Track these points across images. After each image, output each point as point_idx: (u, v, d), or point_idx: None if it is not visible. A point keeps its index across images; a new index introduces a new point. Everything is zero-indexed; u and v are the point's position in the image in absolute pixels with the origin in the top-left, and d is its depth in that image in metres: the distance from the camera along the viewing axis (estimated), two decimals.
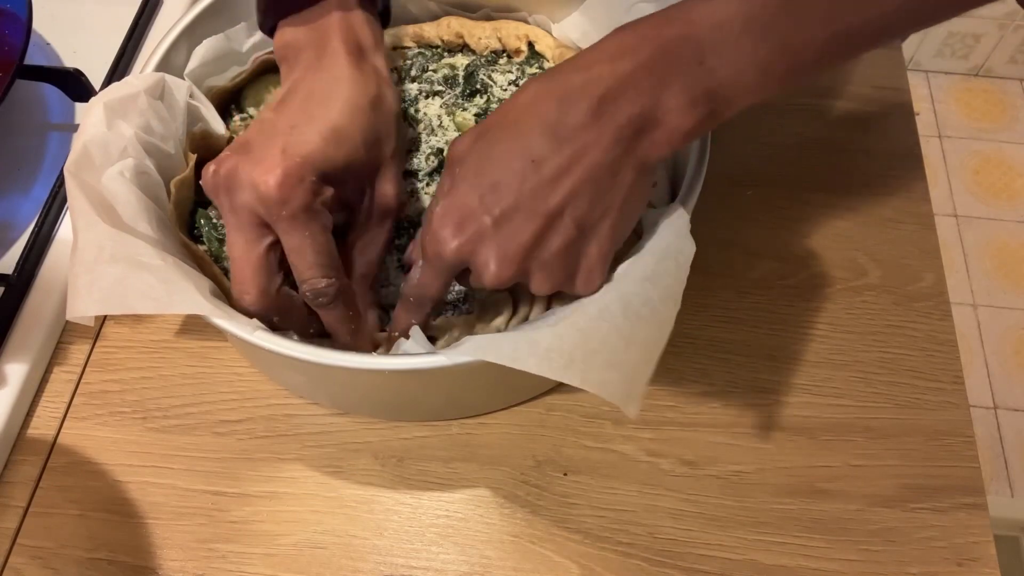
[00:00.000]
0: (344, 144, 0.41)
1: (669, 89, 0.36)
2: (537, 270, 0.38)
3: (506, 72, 0.56)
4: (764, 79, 0.37)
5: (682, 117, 0.36)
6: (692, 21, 0.36)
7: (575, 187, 0.36)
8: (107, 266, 0.39)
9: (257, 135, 0.41)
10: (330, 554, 0.47)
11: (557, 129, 0.36)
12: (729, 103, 0.37)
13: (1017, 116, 1.76)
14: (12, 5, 0.59)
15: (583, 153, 0.36)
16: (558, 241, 0.37)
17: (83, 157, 0.43)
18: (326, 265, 0.40)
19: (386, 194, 0.44)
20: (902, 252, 0.56)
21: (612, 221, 0.38)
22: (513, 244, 0.37)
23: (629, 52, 0.36)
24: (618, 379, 0.36)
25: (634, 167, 0.37)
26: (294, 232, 0.39)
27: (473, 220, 0.37)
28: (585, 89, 0.36)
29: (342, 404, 0.51)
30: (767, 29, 0.36)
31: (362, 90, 0.43)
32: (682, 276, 0.40)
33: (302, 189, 0.39)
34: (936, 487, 0.48)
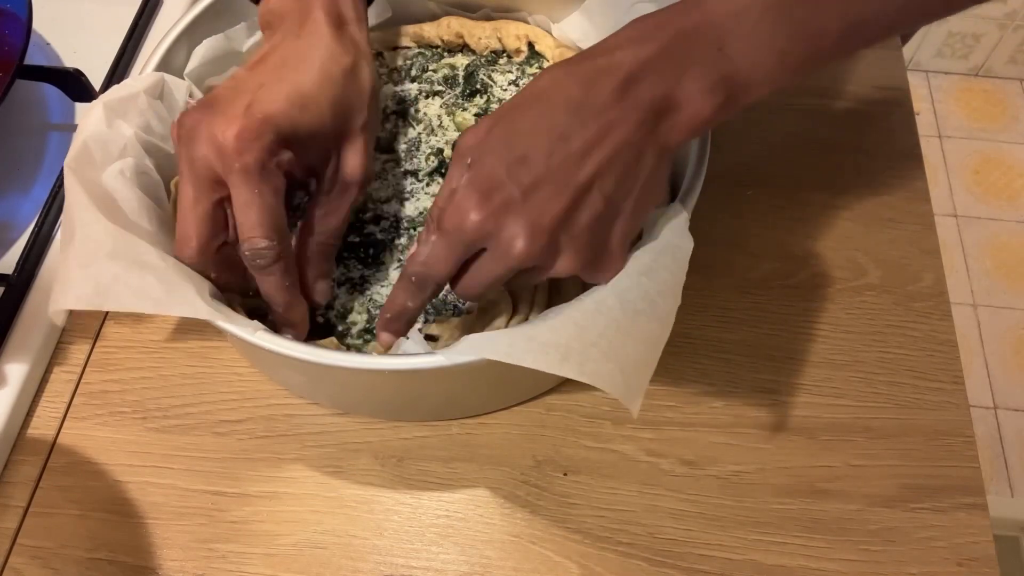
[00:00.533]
0: (310, 109, 0.41)
1: (689, 74, 0.37)
2: (567, 245, 0.37)
3: (506, 72, 0.56)
4: (781, 66, 0.37)
5: (702, 101, 0.37)
6: (710, 9, 0.37)
7: (603, 163, 0.36)
8: (105, 262, 0.39)
9: (225, 91, 0.41)
10: (330, 554, 0.47)
11: (582, 107, 0.37)
12: (747, 89, 0.38)
13: (1017, 116, 1.76)
14: (12, 5, 0.59)
15: (609, 130, 0.36)
16: (588, 215, 0.37)
17: (83, 154, 0.43)
18: (270, 227, 0.40)
19: (352, 165, 0.44)
20: (902, 252, 0.56)
21: (634, 202, 0.38)
22: (545, 216, 0.36)
23: (649, 38, 0.37)
24: (616, 372, 0.36)
25: (655, 150, 0.38)
26: (244, 187, 0.39)
27: (501, 191, 0.36)
28: (609, 71, 0.37)
29: (342, 404, 0.51)
30: (784, 17, 0.37)
31: (337, 59, 0.43)
32: (680, 271, 0.40)
33: (259, 145, 0.39)
34: (936, 487, 0.48)
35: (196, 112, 0.40)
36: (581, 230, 0.37)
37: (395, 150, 0.53)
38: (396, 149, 0.53)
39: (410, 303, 0.41)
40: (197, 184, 0.40)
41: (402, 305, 0.41)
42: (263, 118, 0.39)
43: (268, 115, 0.40)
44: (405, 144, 0.53)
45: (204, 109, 0.40)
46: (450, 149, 0.52)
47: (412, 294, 0.40)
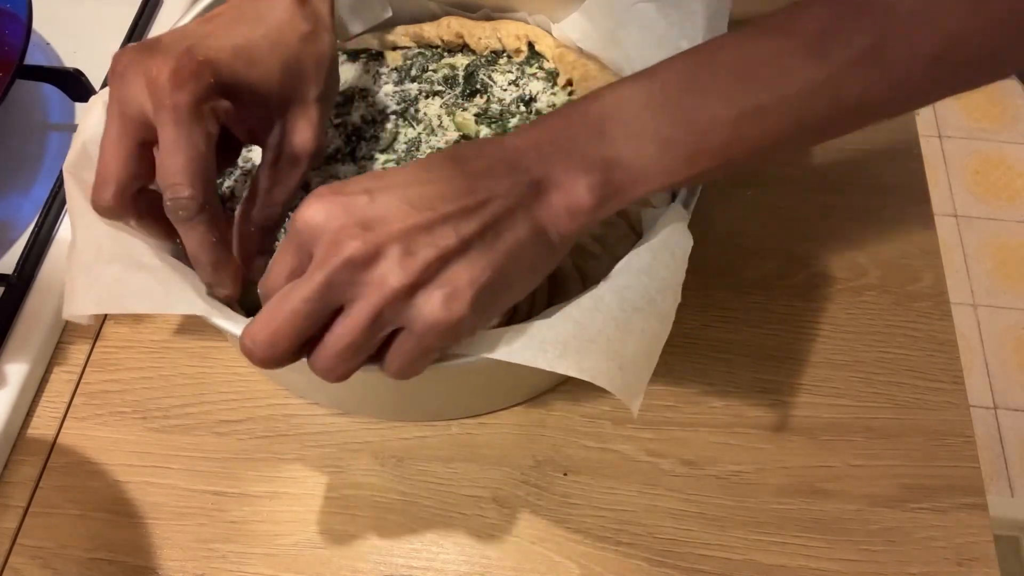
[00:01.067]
0: (256, 65, 0.40)
1: (569, 154, 0.36)
2: (395, 249, 0.32)
3: (506, 72, 0.56)
4: (667, 156, 0.36)
5: (577, 183, 0.36)
6: (599, 99, 0.37)
7: (468, 207, 0.34)
8: (105, 265, 0.39)
9: (169, 36, 0.40)
10: (330, 554, 0.47)
11: (466, 162, 0.35)
12: (631, 178, 0.36)
13: (1017, 116, 1.76)
14: (12, 5, 0.59)
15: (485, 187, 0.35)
16: (432, 239, 0.33)
17: (82, 156, 0.43)
18: (194, 173, 0.37)
19: (304, 136, 0.43)
20: (902, 252, 0.56)
21: (494, 260, 0.34)
22: (382, 222, 0.33)
23: (541, 123, 0.37)
24: (616, 369, 0.36)
25: (531, 225, 0.35)
26: (172, 127, 0.37)
27: (346, 194, 0.33)
28: (500, 144, 0.36)
29: (342, 404, 0.51)
30: (668, 104, 0.36)
31: (294, 24, 0.42)
32: (680, 269, 0.39)
33: (195, 85, 0.37)
34: (936, 487, 0.48)
35: (133, 50, 0.39)
36: (418, 249, 0.33)
37: (395, 150, 0.53)
38: (396, 149, 0.54)
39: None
40: (123, 122, 0.38)
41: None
42: (203, 60, 0.38)
43: (209, 59, 0.38)
44: (405, 144, 0.53)
45: (142, 47, 0.39)
46: None
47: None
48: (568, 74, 0.54)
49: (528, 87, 0.55)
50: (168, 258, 0.41)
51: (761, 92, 0.35)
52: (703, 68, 0.36)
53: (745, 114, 0.35)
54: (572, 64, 0.54)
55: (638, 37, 0.50)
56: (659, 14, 0.49)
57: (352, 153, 0.53)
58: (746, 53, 0.36)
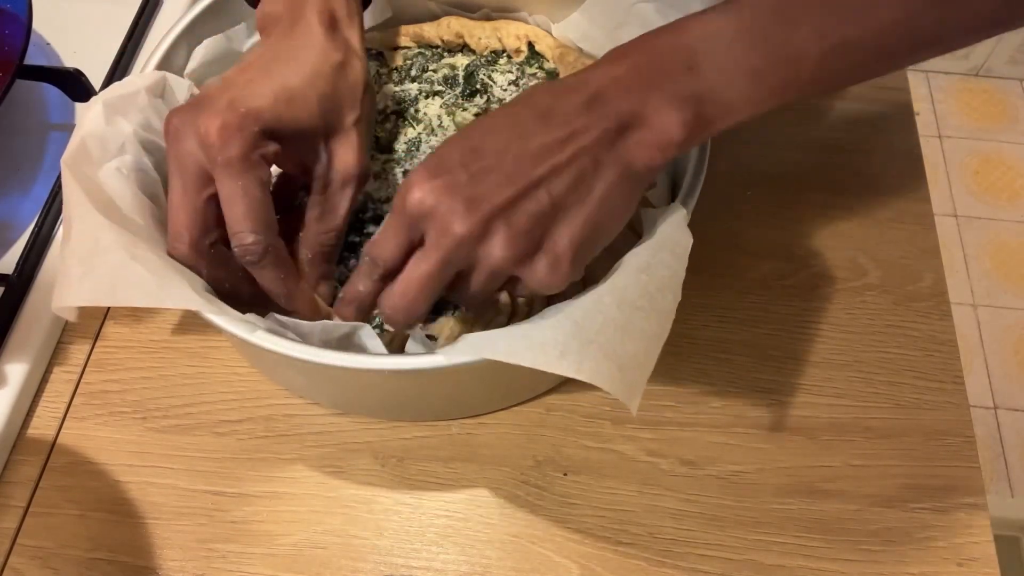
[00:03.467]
0: (296, 104, 0.42)
1: (658, 91, 0.37)
2: (501, 228, 0.36)
3: (506, 72, 0.56)
4: (756, 89, 0.37)
5: (669, 119, 0.37)
6: (684, 31, 0.38)
7: (557, 165, 0.36)
8: (102, 257, 0.39)
9: (213, 90, 0.42)
10: (330, 554, 0.47)
11: (549, 114, 0.37)
12: (720, 111, 0.37)
13: (1017, 116, 1.76)
14: (12, 5, 0.59)
15: (571, 138, 0.37)
16: (531, 207, 0.36)
17: (80, 151, 0.43)
18: (255, 219, 0.40)
19: (347, 161, 0.44)
20: (902, 252, 0.56)
21: (588, 214, 0.37)
22: (484, 199, 0.36)
23: (621, 59, 0.38)
24: (615, 370, 0.36)
25: (619, 165, 0.37)
26: (228, 180, 0.39)
27: (448, 173, 0.36)
28: (580, 85, 0.38)
29: (342, 404, 0.51)
30: (758, 38, 0.37)
31: (326, 56, 0.43)
32: (679, 268, 0.39)
33: (242, 137, 0.39)
34: (936, 487, 0.48)
35: (183, 110, 0.41)
36: (519, 219, 0.36)
37: (395, 150, 0.53)
38: (396, 149, 0.54)
39: (360, 287, 0.41)
40: (185, 180, 0.40)
41: (354, 288, 0.41)
42: (246, 111, 0.40)
43: (251, 108, 0.40)
44: (405, 144, 0.53)
45: (191, 107, 0.41)
46: None
47: (362, 277, 0.40)
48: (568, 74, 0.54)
49: (528, 87, 0.55)
50: (163, 253, 0.41)
51: (847, 26, 0.36)
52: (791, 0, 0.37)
53: (832, 47, 0.36)
54: (572, 64, 0.54)
55: None
56: (659, 14, 0.49)
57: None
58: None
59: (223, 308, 0.40)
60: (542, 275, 0.38)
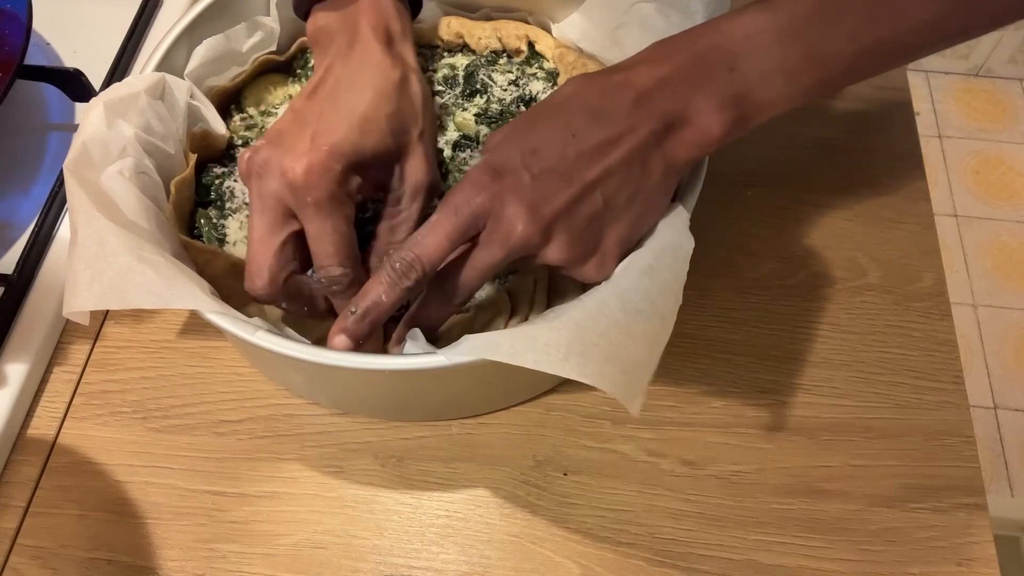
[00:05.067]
0: (371, 131, 0.42)
1: (701, 92, 0.38)
2: (562, 233, 0.38)
3: (506, 72, 0.56)
4: (793, 87, 0.39)
5: (711, 119, 0.39)
6: (724, 32, 0.39)
7: (611, 166, 0.38)
8: (109, 260, 0.39)
9: (290, 124, 0.42)
10: (330, 554, 0.47)
11: (599, 113, 0.38)
12: (758, 109, 0.39)
13: (1017, 116, 1.76)
14: (12, 5, 0.59)
15: (621, 137, 0.38)
16: (587, 210, 0.38)
17: (82, 155, 0.43)
18: (345, 255, 0.41)
19: (415, 172, 0.45)
20: (902, 252, 0.56)
21: (635, 211, 0.40)
22: (548, 203, 0.38)
23: (665, 58, 0.39)
24: (618, 373, 0.36)
25: (662, 163, 0.39)
26: (317, 220, 0.40)
27: (512, 173, 0.38)
28: (626, 84, 0.39)
29: (342, 404, 0.51)
30: (796, 40, 0.38)
31: (388, 76, 0.44)
32: (681, 271, 0.40)
33: (329, 177, 0.40)
34: (936, 487, 0.48)
35: (265, 148, 0.41)
36: (578, 223, 0.38)
37: None
38: None
39: (385, 296, 0.39)
40: (268, 219, 0.41)
41: (376, 298, 0.39)
42: (329, 150, 0.40)
43: (333, 145, 0.40)
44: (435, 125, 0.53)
45: (272, 145, 0.41)
46: (450, 149, 0.52)
47: (391, 284, 0.38)
48: (568, 74, 0.54)
49: (528, 87, 0.55)
50: (168, 255, 0.41)
51: (881, 27, 0.38)
52: (827, 2, 0.38)
53: (865, 48, 0.38)
54: (572, 64, 0.54)
55: (638, 37, 0.50)
56: (659, 14, 0.49)
57: None
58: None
59: (228, 309, 0.40)
60: (590, 272, 0.40)
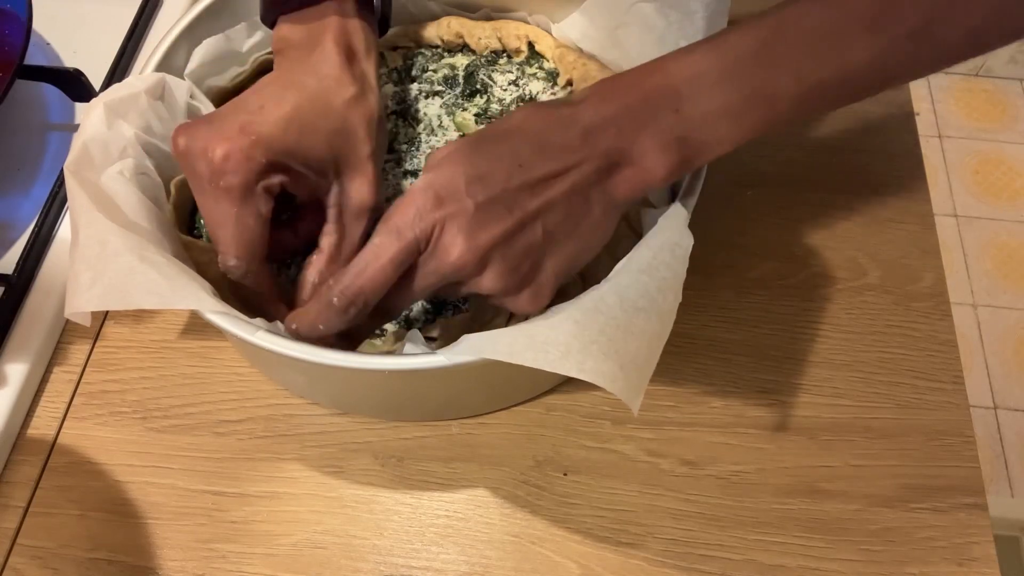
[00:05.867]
0: (307, 135, 0.42)
1: (646, 132, 0.38)
2: (497, 262, 0.38)
3: (506, 72, 0.56)
4: (737, 128, 0.39)
5: (655, 160, 0.39)
6: (670, 72, 0.39)
7: (553, 198, 0.38)
8: (111, 260, 0.39)
9: (228, 108, 0.42)
10: (330, 554, 0.47)
11: (546, 145, 0.38)
12: (703, 150, 0.39)
13: (1017, 116, 1.76)
14: (12, 5, 0.59)
15: (566, 171, 0.38)
16: (525, 241, 0.38)
17: (83, 156, 0.43)
18: (240, 247, 0.41)
19: (361, 193, 0.44)
20: (902, 252, 0.56)
21: (574, 245, 0.40)
22: (485, 231, 0.37)
23: (613, 96, 0.39)
24: (617, 369, 0.36)
25: (603, 201, 0.39)
26: (222, 206, 0.40)
27: (456, 200, 0.37)
28: (574, 119, 0.39)
29: (342, 404, 0.51)
30: (739, 81, 0.38)
31: (341, 89, 0.43)
32: (680, 268, 0.40)
33: (247, 167, 0.40)
34: (936, 487, 0.48)
35: (192, 127, 0.41)
36: (514, 253, 0.38)
37: (395, 150, 0.53)
38: (396, 149, 0.53)
39: (323, 326, 0.39)
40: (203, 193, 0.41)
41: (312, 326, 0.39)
42: (255, 140, 0.40)
43: (260, 136, 0.40)
44: (405, 144, 0.53)
45: (200, 124, 0.41)
46: None
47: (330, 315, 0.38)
48: (568, 74, 0.54)
49: (528, 87, 0.55)
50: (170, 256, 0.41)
51: (824, 67, 0.38)
52: (771, 42, 0.38)
53: (810, 88, 0.38)
54: (572, 64, 0.54)
55: (638, 37, 0.50)
56: (659, 14, 0.49)
57: None
58: (810, 26, 0.38)
59: (229, 309, 0.40)
60: (524, 303, 0.40)
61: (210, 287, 0.42)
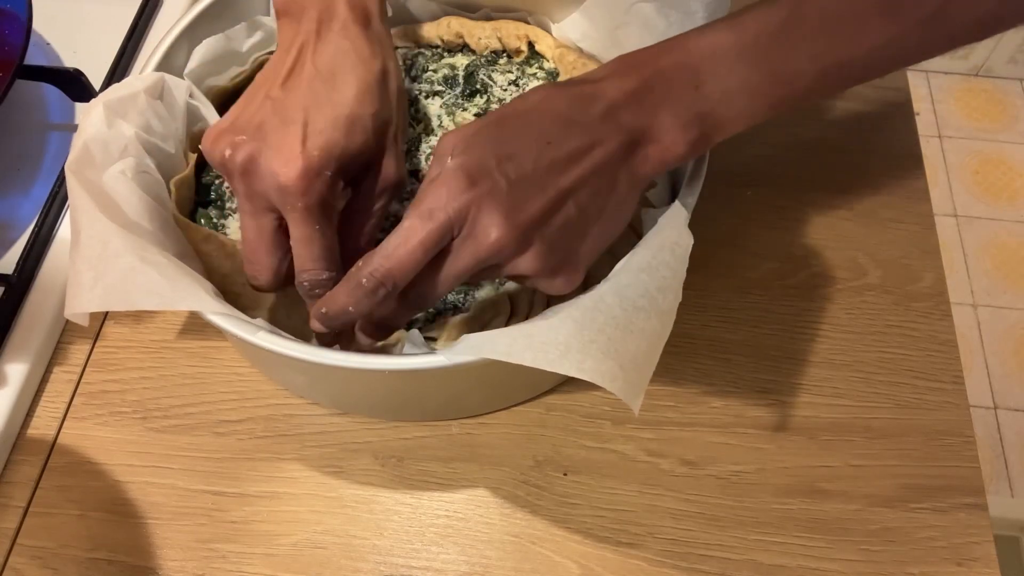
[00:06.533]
0: (356, 131, 0.41)
1: (667, 109, 0.39)
2: (536, 244, 0.37)
3: (506, 72, 0.56)
4: (755, 106, 0.39)
5: (675, 136, 0.39)
6: (689, 50, 0.39)
7: (584, 174, 0.38)
8: (112, 261, 0.39)
9: (271, 116, 0.41)
10: (330, 554, 0.47)
11: (570, 121, 0.38)
12: (720, 127, 0.40)
13: (1017, 116, 1.76)
14: (12, 5, 0.59)
15: (593, 146, 0.38)
16: (561, 219, 0.38)
17: (84, 155, 0.43)
18: (331, 260, 0.41)
19: (389, 171, 0.44)
20: (902, 252, 0.56)
21: (603, 223, 0.39)
22: (524, 211, 0.36)
23: (632, 73, 0.39)
24: (617, 369, 0.36)
25: (628, 178, 0.39)
26: (307, 225, 0.40)
27: (489, 179, 0.36)
28: (596, 95, 0.39)
29: (342, 404, 0.51)
30: (759, 59, 0.39)
31: (369, 67, 0.42)
32: (680, 268, 0.40)
33: (320, 183, 0.40)
34: (936, 487, 0.48)
35: (249, 144, 0.40)
36: (553, 233, 0.38)
37: None
38: None
39: (352, 308, 0.38)
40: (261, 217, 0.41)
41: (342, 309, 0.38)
42: (320, 155, 0.39)
43: (323, 149, 0.40)
44: (405, 144, 0.53)
45: (256, 141, 0.40)
46: None
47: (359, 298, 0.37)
48: (568, 74, 0.54)
49: (528, 87, 0.55)
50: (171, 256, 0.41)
51: (841, 48, 0.38)
52: (790, 22, 0.38)
53: (826, 68, 0.39)
54: (572, 64, 0.54)
55: (638, 37, 0.50)
56: (659, 14, 0.49)
57: None
58: (828, 8, 0.38)
59: (230, 309, 0.40)
60: (559, 284, 0.39)
61: (211, 287, 0.42)
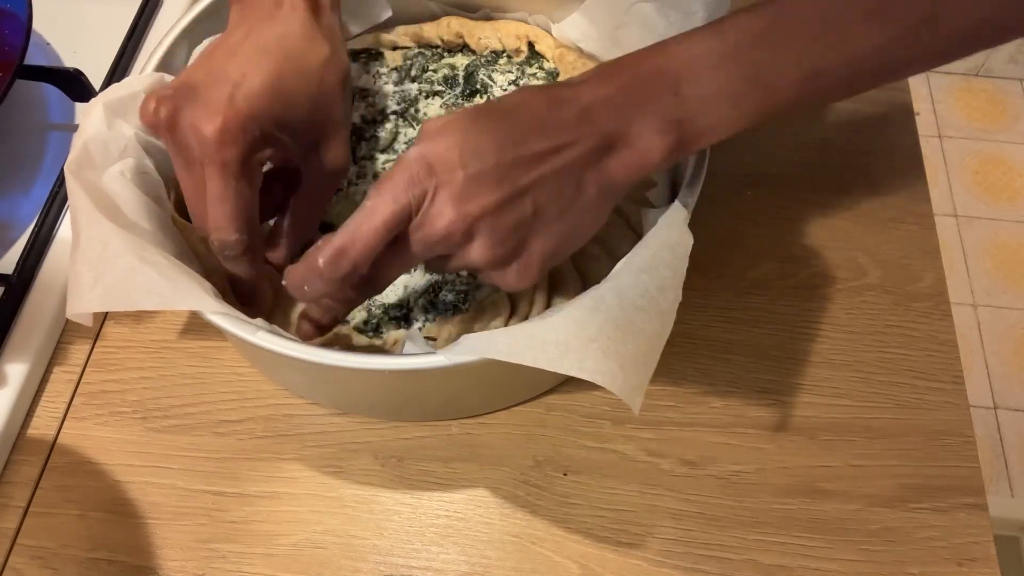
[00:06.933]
0: (291, 104, 0.41)
1: (643, 114, 0.38)
2: (485, 233, 0.37)
3: (506, 72, 0.56)
4: (736, 113, 0.39)
5: (651, 142, 0.38)
6: (670, 55, 0.39)
7: (545, 175, 0.37)
8: (112, 261, 0.39)
9: (205, 77, 0.40)
10: (330, 554, 0.47)
11: (543, 123, 0.38)
12: (700, 134, 0.39)
13: (1017, 116, 1.76)
14: (12, 5, 0.59)
15: (560, 149, 0.37)
16: (514, 215, 0.37)
17: (83, 156, 0.43)
18: (243, 221, 0.40)
19: (334, 156, 0.44)
20: (902, 252, 0.56)
21: (564, 225, 0.39)
22: (474, 201, 0.37)
23: (611, 78, 0.39)
24: (616, 368, 0.36)
25: (598, 182, 0.39)
26: (222, 179, 0.39)
27: (448, 169, 0.36)
28: (572, 99, 0.38)
29: (342, 404, 0.51)
30: (740, 65, 0.38)
31: (316, 49, 0.42)
32: (680, 268, 0.40)
33: (242, 141, 0.39)
34: (936, 487, 0.48)
35: (173, 99, 0.39)
36: (503, 227, 0.37)
37: (395, 150, 0.53)
38: (396, 149, 0.54)
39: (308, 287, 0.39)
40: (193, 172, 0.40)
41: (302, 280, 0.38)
42: (247, 112, 0.39)
43: (251, 110, 0.39)
44: (405, 144, 0.53)
45: (183, 93, 0.39)
46: None
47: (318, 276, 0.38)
48: (568, 74, 0.54)
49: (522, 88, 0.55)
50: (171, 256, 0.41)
51: (825, 54, 0.38)
52: (773, 27, 0.38)
53: (810, 75, 0.38)
54: (572, 64, 0.54)
55: (638, 37, 0.50)
56: (659, 14, 0.49)
57: (352, 153, 0.53)
58: (812, 13, 0.38)
59: (230, 309, 0.40)
60: (510, 279, 0.39)
61: (211, 287, 0.42)
